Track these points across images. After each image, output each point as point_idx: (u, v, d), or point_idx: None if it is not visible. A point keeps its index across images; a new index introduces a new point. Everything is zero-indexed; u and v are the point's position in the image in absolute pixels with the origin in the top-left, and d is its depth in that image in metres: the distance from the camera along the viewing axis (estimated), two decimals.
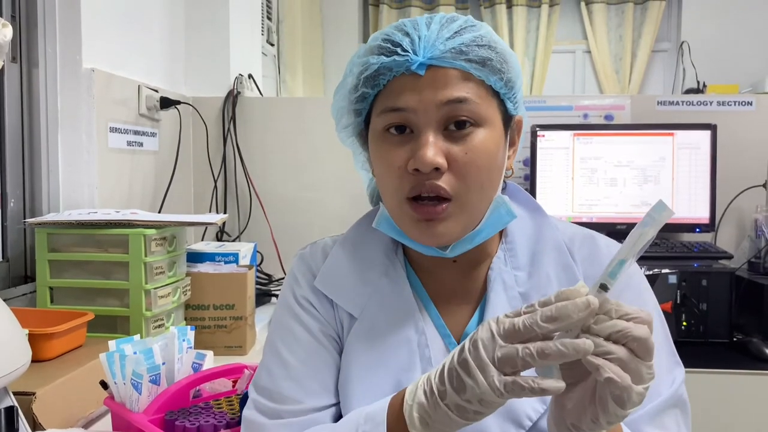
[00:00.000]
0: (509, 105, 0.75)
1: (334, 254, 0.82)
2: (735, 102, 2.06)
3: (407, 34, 0.71)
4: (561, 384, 0.55)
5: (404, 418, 0.62)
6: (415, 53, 0.70)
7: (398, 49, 0.71)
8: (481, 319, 0.77)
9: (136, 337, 1.01)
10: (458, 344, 0.73)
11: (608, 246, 0.79)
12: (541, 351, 0.54)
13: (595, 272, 0.75)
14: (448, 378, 0.59)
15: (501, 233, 0.80)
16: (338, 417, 0.75)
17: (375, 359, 0.76)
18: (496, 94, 0.73)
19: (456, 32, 0.71)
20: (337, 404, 0.77)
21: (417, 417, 0.61)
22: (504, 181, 0.80)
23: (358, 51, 0.77)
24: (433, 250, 0.76)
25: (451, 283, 0.80)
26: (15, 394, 0.81)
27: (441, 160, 0.69)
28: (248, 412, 0.76)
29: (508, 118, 0.76)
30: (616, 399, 0.55)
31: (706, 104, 2.07)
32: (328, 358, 0.78)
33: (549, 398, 0.68)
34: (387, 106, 0.72)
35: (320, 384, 0.76)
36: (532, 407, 0.71)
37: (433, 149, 0.69)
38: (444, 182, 0.70)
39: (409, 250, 0.81)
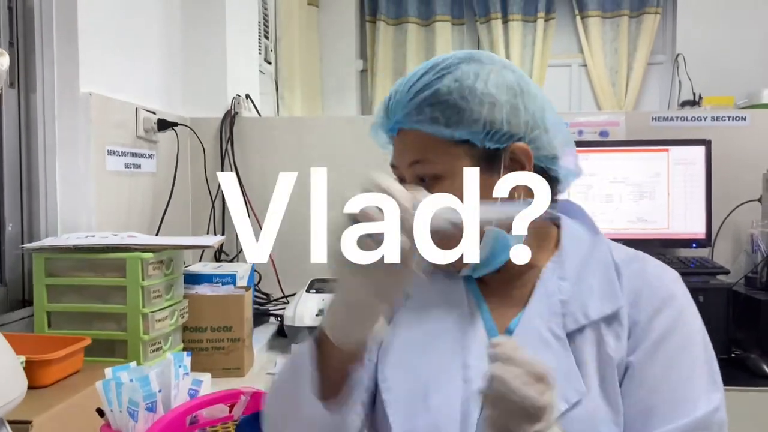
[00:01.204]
0: (485, 143, 0.79)
1: None
2: (729, 117, 2.07)
3: (389, 98, 0.83)
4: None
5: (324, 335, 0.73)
6: (388, 118, 0.83)
7: (381, 114, 0.84)
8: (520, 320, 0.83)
9: (133, 363, 1.01)
10: None
11: (655, 267, 0.84)
12: None
13: (639, 288, 0.81)
14: None
15: (556, 245, 0.86)
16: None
17: (417, 338, 0.83)
18: (464, 141, 0.79)
19: (416, 92, 0.80)
20: None
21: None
22: (556, 200, 0.87)
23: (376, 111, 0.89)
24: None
25: (500, 288, 0.86)
26: (11, 422, 0.81)
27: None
28: None
29: (491, 154, 0.80)
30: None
31: (701, 119, 2.08)
32: None
33: (572, 398, 0.75)
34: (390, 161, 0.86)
35: None
36: (564, 397, 0.74)
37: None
38: None
39: None
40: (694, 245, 1.95)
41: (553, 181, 0.86)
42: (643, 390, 0.77)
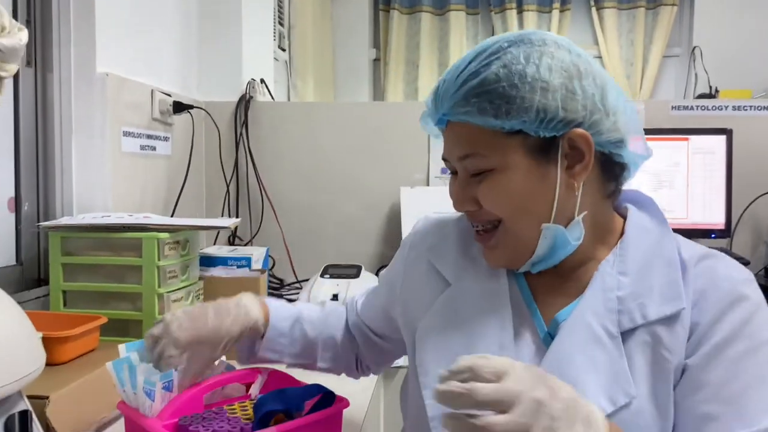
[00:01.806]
0: (539, 132, 0.74)
1: (448, 230, 0.92)
2: (750, 107, 2.04)
3: (436, 89, 0.80)
4: None
5: None
6: (435, 110, 0.80)
7: (430, 104, 0.81)
8: (572, 313, 0.79)
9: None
10: (547, 329, 0.79)
11: (726, 267, 0.78)
12: None
13: (705, 287, 0.75)
14: None
15: (617, 240, 0.81)
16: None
17: (456, 327, 0.82)
18: (516, 131, 0.74)
19: (463, 82, 0.75)
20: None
21: None
22: (620, 190, 0.84)
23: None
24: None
25: (553, 280, 0.83)
26: (29, 397, 0.80)
27: (468, 206, 0.80)
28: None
29: (546, 143, 0.75)
30: None
31: (721, 109, 2.05)
32: (381, 302, 1.00)
33: (619, 400, 0.71)
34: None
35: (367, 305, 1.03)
36: (598, 404, 0.68)
37: (460, 197, 0.80)
38: (484, 214, 0.79)
39: None
40: (713, 236, 1.92)
41: (618, 168, 0.80)
42: (699, 395, 0.72)
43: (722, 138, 1.93)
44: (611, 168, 0.80)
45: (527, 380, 0.59)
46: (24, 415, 0.76)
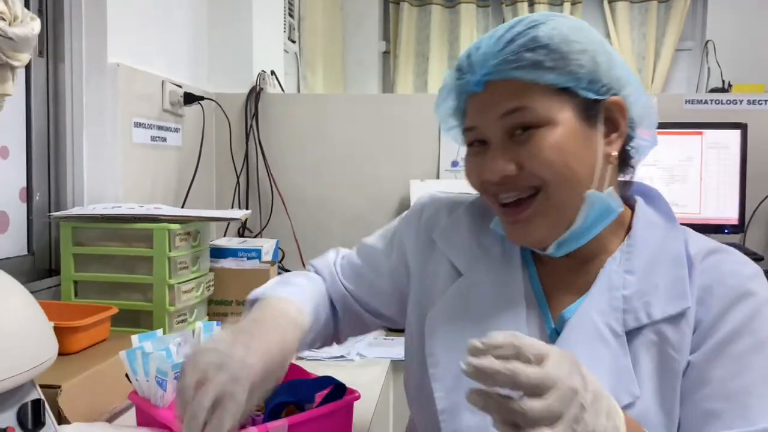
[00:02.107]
0: (585, 94, 0.74)
1: (459, 213, 0.89)
2: (765, 101, 2.02)
3: (468, 56, 0.78)
4: None
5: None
6: (472, 73, 0.76)
7: (458, 73, 0.78)
8: (577, 311, 0.78)
9: (159, 331, 1.00)
10: (554, 326, 0.79)
11: (733, 262, 0.77)
12: None
13: (711, 284, 0.75)
14: None
15: (626, 233, 0.80)
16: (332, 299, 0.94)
17: (468, 319, 0.80)
18: (564, 89, 0.74)
19: (508, 42, 0.74)
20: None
21: None
22: (630, 181, 0.83)
23: (445, 76, 0.84)
24: (535, 249, 0.80)
25: (563, 275, 0.81)
26: (41, 386, 0.80)
27: (509, 168, 0.75)
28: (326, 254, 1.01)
29: (591, 106, 0.75)
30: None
31: (736, 103, 2.03)
32: (380, 285, 0.94)
33: (623, 400, 0.70)
34: (465, 125, 0.81)
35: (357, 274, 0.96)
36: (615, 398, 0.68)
37: (500, 160, 0.75)
38: (522, 181, 0.75)
39: None
40: (726, 231, 1.91)
41: (627, 154, 0.81)
42: (703, 392, 0.71)
43: (737, 132, 1.91)
44: (627, 151, 0.81)
45: (565, 367, 0.58)
46: (37, 403, 0.76)
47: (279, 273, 1.84)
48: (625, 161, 0.81)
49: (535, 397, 0.55)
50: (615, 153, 0.77)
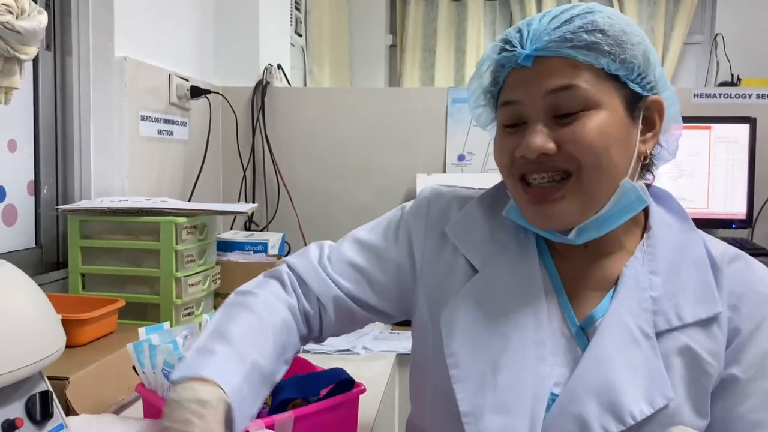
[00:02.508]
0: (633, 86, 0.74)
1: (470, 208, 0.86)
2: None
3: (519, 31, 0.76)
4: None
5: None
6: (522, 47, 0.74)
7: (508, 46, 0.75)
8: (608, 312, 0.76)
9: (166, 324, 1.00)
10: (579, 326, 0.77)
11: (763, 270, 0.78)
12: None
13: (742, 291, 0.75)
14: None
15: (642, 233, 0.80)
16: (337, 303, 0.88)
17: (487, 317, 0.78)
18: (614, 77, 0.73)
19: (565, 21, 0.73)
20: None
21: None
22: (649, 185, 0.81)
23: (486, 49, 0.82)
24: (551, 235, 0.77)
25: (581, 269, 0.80)
26: (48, 378, 0.81)
27: (550, 145, 0.72)
28: (300, 253, 0.93)
29: (635, 100, 0.75)
30: None
31: (744, 97, 2.02)
32: (380, 280, 0.89)
33: (658, 403, 0.70)
34: (503, 100, 0.78)
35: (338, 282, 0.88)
36: (638, 407, 0.70)
37: (540, 136, 0.72)
38: (558, 161, 0.73)
39: None
40: (734, 226, 1.90)
41: (652, 158, 0.81)
42: (749, 404, 0.72)
43: (746, 127, 1.90)
44: (652, 155, 0.81)
45: None
46: (45, 395, 0.77)
47: None
48: (647, 164, 0.81)
49: None
50: (649, 152, 0.78)
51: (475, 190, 0.89)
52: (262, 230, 2.10)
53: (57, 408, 0.79)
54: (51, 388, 0.79)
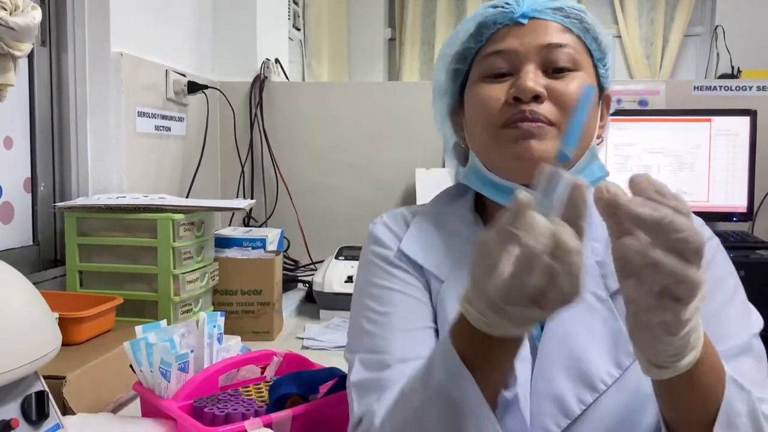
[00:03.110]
0: (601, 71, 0.80)
1: (417, 223, 0.84)
2: None
3: None
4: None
5: (465, 321, 0.58)
6: (518, 6, 0.77)
7: (504, 4, 0.77)
8: None
9: (163, 322, 1.00)
10: None
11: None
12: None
13: None
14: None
15: None
16: None
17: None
18: (591, 57, 0.78)
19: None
20: None
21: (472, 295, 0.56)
22: None
23: (466, 18, 0.82)
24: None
25: None
26: (45, 378, 0.80)
27: (541, 89, 0.73)
28: (357, 375, 0.75)
29: (601, 89, 0.80)
30: (667, 291, 0.50)
31: (745, 89, 2.01)
32: (425, 311, 0.78)
33: (624, 362, 0.70)
34: (488, 51, 0.77)
35: (420, 337, 0.76)
36: (606, 371, 0.71)
37: (534, 78, 0.73)
38: (545, 110, 0.73)
39: (491, 221, 0.81)
40: (734, 219, 1.89)
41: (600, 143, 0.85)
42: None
43: (746, 119, 1.89)
44: None
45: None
46: (40, 395, 0.76)
47: (284, 262, 1.85)
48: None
49: (690, 264, 0.50)
50: (601, 138, 0.82)
51: (413, 207, 0.89)
52: (260, 226, 2.09)
53: (53, 408, 0.78)
54: (47, 388, 0.78)
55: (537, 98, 0.73)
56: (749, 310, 0.77)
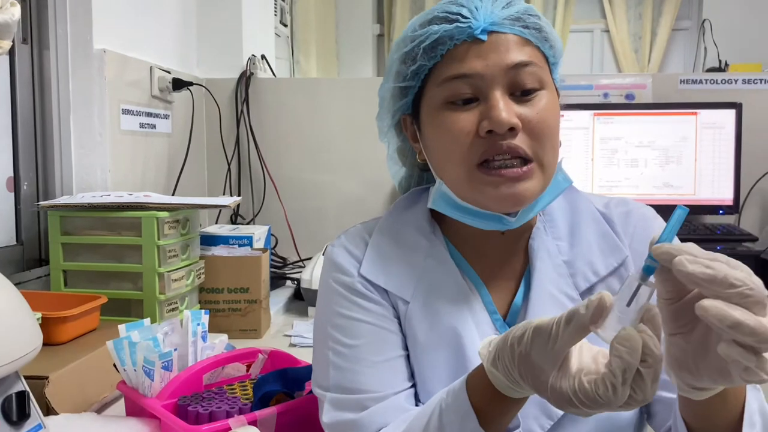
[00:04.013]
0: (556, 76, 0.77)
1: (375, 242, 0.80)
2: (761, 80, 2.00)
3: (463, 5, 0.73)
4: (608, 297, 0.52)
5: (485, 375, 0.59)
6: (476, 19, 0.71)
7: (459, 17, 0.72)
8: (527, 291, 0.76)
9: (146, 320, 0.99)
10: (503, 320, 0.76)
11: (639, 207, 0.81)
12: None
13: (633, 229, 0.79)
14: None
15: None
16: (416, 398, 0.75)
17: (434, 340, 0.74)
18: (548, 63, 0.75)
19: (508, 2, 0.73)
20: (413, 385, 0.75)
21: (493, 353, 0.58)
22: None
23: (411, 25, 0.76)
24: (495, 222, 0.74)
25: (497, 258, 0.79)
26: (28, 378, 0.79)
27: (515, 120, 0.69)
28: (330, 415, 0.73)
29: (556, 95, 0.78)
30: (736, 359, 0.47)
31: (731, 82, 2.01)
32: (395, 340, 0.76)
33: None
34: (450, 74, 0.72)
35: (393, 368, 0.74)
36: None
37: (507, 109, 0.69)
38: (520, 142, 0.70)
39: (449, 230, 0.81)
40: (721, 212, 1.90)
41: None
42: None
43: (732, 112, 1.90)
44: None
45: None
46: (21, 395, 0.75)
47: (271, 260, 1.84)
48: None
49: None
50: (560, 140, 0.79)
51: (369, 222, 0.85)
52: (248, 223, 2.08)
53: (34, 408, 0.78)
54: (28, 388, 0.77)
55: (512, 129, 0.69)
56: None
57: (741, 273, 0.47)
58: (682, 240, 0.55)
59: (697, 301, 0.47)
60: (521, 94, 0.71)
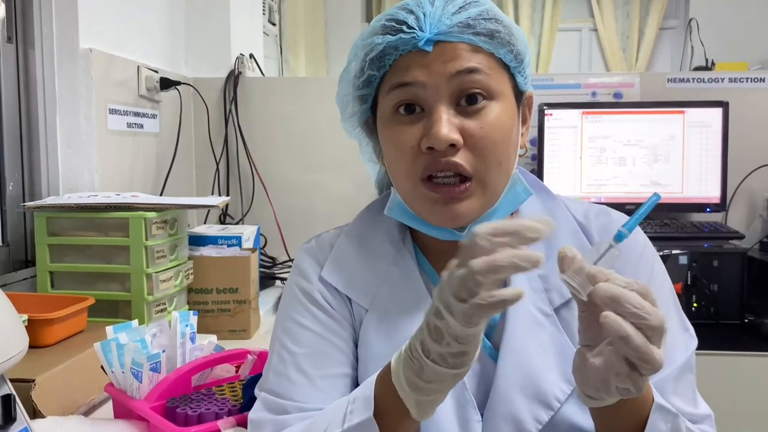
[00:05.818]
0: (519, 79, 0.74)
1: (340, 246, 0.80)
2: (747, 79, 2.02)
3: (411, 12, 0.70)
4: (518, 290, 0.54)
5: (393, 387, 0.60)
6: (421, 29, 0.69)
7: (403, 27, 0.69)
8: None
9: (134, 322, 0.98)
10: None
11: (620, 219, 0.78)
12: (490, 264, 0.53)
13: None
14: (426, 332, 0.57)
15: (512, 214, 0.78)
16: None
17: (388, 351, 0.71)
18: (506, 68, 0.72)
19: (461, 7, 0.70)
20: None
21: (405, 381, 0.59)
22: None
23: (362, 34, 0.75)
24: (447, 234, 0.73)
25: None
26: (14, 381, 0.79)
27: (456, 136, 0.67)
28: (256, 413, 0.74)
29: (519, 94, 0.75)
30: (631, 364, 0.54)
31: (718, 81, 2.03)
32: (340, 357, 0.75)
33: (571, 376, 0.67)
34: (394, 82, 0.71)
35: (329, 385, 0.73)
36: (559, 388, 0.70)
37: (447, 125, 0.67)
38: (461, 159, 0.68)
39: (419, 236, 0.79)
40: (708, 210, 1.91)
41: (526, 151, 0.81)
42: None
43: (719, 111, 1.91)
44: None
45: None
46: (7, 398, 0.74)
47: (261, 260, 1.83)
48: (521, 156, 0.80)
49: (653, 343, 0.53)
50: (527, 145, 0.78)
51: (343, 226, 0.85)
52: (237, 223, 2.08)
53: (20, 411, 0.77)
54: (13, 391, 0.76)
55: (452, 146, 0.68)
56: (685, 320, 0.76)
57: (644, 301, 0.54)
58: (671, 237, 0.57)
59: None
60: (468, 103, 0.69)
